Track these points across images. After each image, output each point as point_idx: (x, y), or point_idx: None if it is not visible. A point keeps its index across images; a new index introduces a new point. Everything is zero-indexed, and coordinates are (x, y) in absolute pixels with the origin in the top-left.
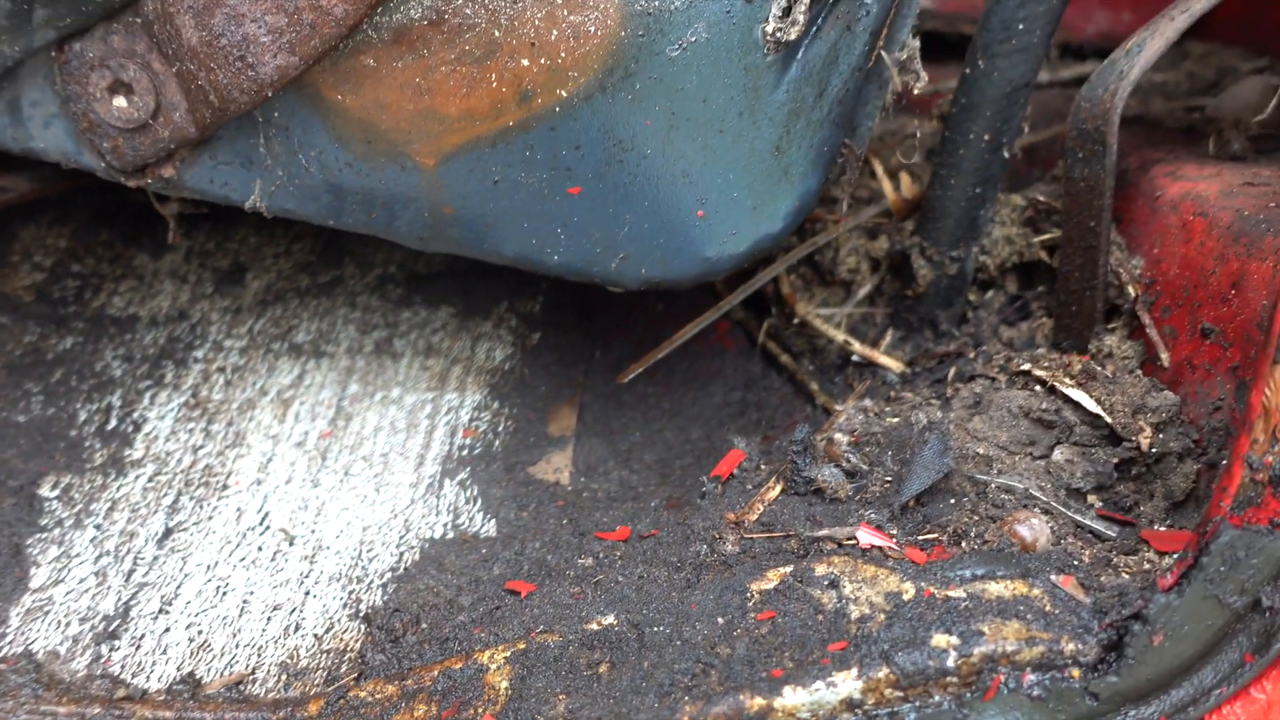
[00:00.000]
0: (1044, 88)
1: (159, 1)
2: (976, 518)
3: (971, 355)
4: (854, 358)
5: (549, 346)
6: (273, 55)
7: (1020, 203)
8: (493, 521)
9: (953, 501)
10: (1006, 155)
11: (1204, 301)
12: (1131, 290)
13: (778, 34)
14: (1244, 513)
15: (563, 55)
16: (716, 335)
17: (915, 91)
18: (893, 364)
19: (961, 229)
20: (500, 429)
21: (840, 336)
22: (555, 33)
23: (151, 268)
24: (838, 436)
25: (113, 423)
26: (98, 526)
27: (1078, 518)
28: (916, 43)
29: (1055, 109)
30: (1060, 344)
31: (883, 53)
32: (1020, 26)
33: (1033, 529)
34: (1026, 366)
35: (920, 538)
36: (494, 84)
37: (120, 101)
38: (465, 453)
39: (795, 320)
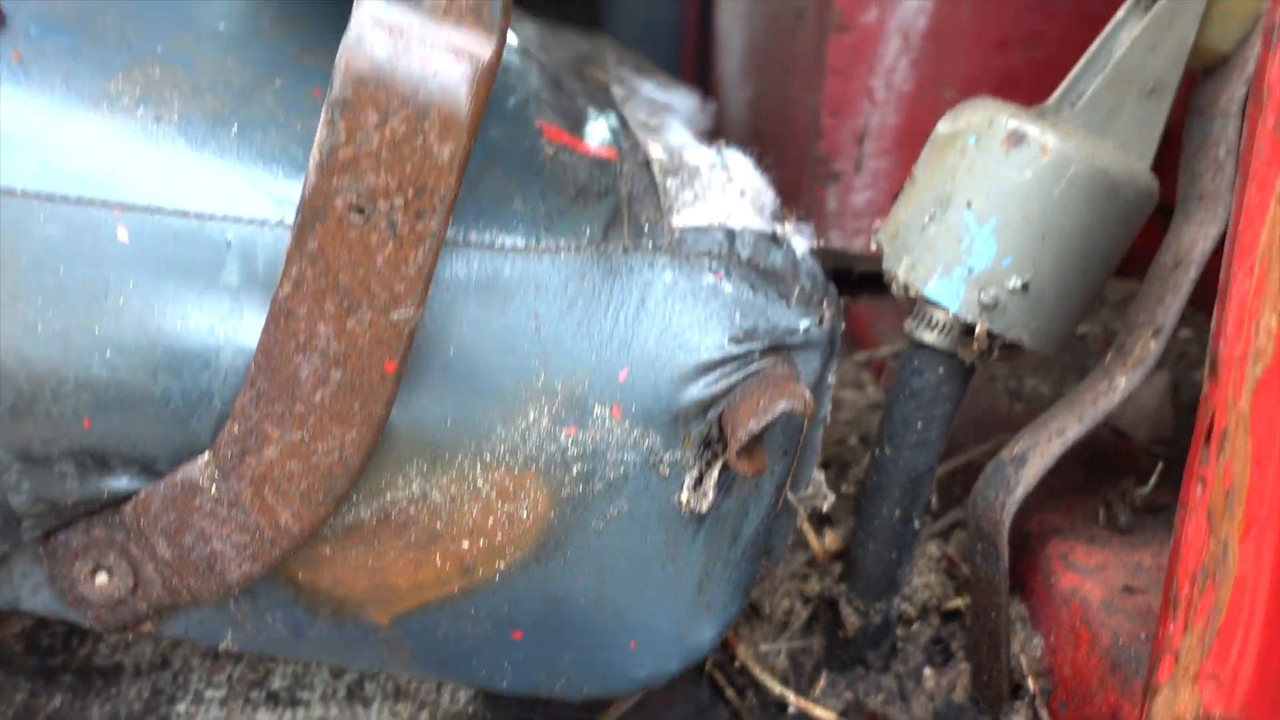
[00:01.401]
0: None
1: (135, 518)
2: None
3: None
4: (790, 709)
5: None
6: (238, 565)
7: (935, 554)
8: None
9: None
10: (917, 526)
11: (1091, 718)
12: (1030, 684)
13: (690, 504)
14: None
15: (499, 537)
16: None
17: (825, 509)
18: (826, 716)
19: (882, 586)
20: None
21: (777, 688)
22: (491, 520)
23: None
24: None
25: None
26: None
27: None
28: (820, 475)
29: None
30: (978, 702)
31: (789, 494)
32: (919, 425)
33: None
34: None
35: None
36: (438, 563)
37: (102, 579)
38: None
39: (735, 663)
